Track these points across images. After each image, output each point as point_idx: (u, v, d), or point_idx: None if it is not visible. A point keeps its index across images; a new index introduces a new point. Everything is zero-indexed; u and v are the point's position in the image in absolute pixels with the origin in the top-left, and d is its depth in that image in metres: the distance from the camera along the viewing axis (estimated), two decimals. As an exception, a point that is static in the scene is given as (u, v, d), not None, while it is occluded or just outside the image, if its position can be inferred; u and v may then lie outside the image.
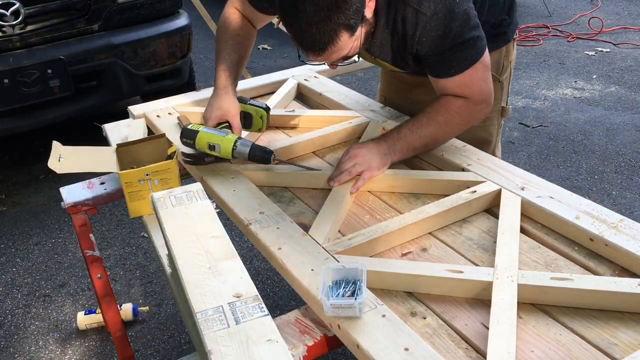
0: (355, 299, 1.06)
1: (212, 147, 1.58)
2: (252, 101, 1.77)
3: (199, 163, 1.64)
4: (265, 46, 5.98)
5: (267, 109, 1.76)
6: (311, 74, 2.27)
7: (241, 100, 1.74)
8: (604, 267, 1.23)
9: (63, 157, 1.60)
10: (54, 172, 1.56)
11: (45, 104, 3.27)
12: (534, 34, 5.62)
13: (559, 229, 1.33)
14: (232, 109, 1.67)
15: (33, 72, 3.11)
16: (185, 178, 1.73)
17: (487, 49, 1.51)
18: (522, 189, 1.43)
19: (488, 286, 1.14)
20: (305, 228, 1.35)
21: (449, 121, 1.56)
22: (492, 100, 1.58)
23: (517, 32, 1.86)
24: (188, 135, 1.61)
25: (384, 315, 1.07)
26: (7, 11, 3.07)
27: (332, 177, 1.54)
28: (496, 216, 1.39)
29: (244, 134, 1.74)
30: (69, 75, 3.21)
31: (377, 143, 1.57)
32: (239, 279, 1.02)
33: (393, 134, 1.59)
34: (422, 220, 1.35)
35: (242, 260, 1.07)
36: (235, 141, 1.57)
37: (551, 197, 1.38)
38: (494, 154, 1.86)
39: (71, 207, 1.73)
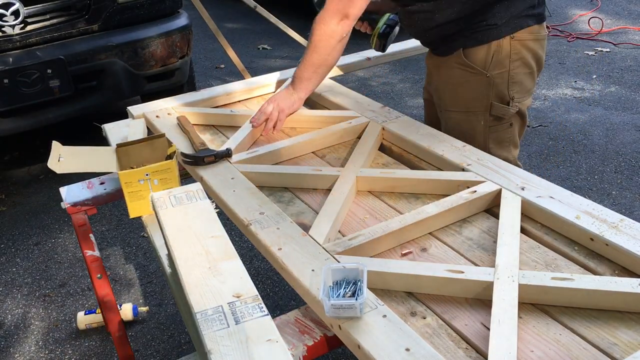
0: (356, 299, 1.06)
1: None
2: None
3: (198, 163, 1.64)
4: (265, 46, 5.98)
5: None
6: (311, 74, 2.26)
7: None
8: (604, 267, 1.23)
9: (63, 157, 1.60)
10: (54, 172, 1.56)
11: (45, 104, 3.27)
12: (534, 34, 5.61)
13: (559, 229, 1.33)
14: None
15: (33, 72, 3.11)
16: (185, 178, 1.73)
17: None
18: (522, 189, 1.43)
19: (489, 286, 1.14)
20: (306, 228, 1.35)
21: (314, 42, 1.75)
22: (349, 15, 1.69)
23: (523, 31, 1.77)
24: None
25: (384, 316, 1.07)
26: (7, 11, 3.07)
27: (252, 119, 1.86)
28: (496, 216, 1.39)
29: None
30: (69, 75, 3.21)
31: (285, 88, 1.90)
32: (238, 279, 1.02)
33: (293, 75, 1.88)
34: (422, 220, 1.35)
35: (242, 260, 1.07)
36: None
37: (551, 197, 1.38)
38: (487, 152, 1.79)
39: (71, 207, 1.73)
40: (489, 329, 1.06)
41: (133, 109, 2.07)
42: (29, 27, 3.17)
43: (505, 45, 1.77)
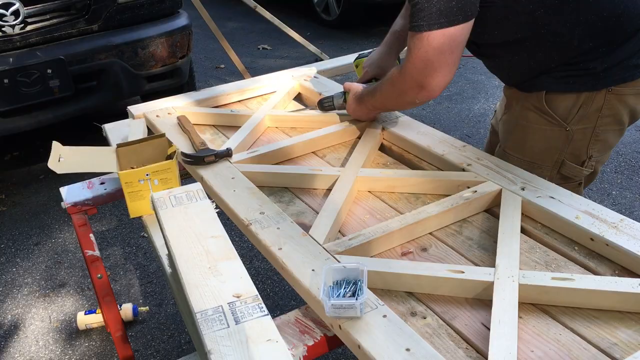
0: (356, 299, 1.06)
1: None
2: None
3: (199, 163, 1.64)
4: (265, 46, 5.98)
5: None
6: (311, 74, 2.27)
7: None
8: (604, 267, 1.23)
9: (63, 157, 1.60)
10: (54, 172, 1.56)
11: (45, 104, 3.27)
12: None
13: (559, 229, 1.33)
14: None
15: (33, 72, 3.11)
16: (185, 178, 1.73)
17: (444, 31, 1.32)
18: (522, 189, 1.43)
19: (489, 286, 1.14)
20: (306, 228, 1.35)
21: (386, 91, 1.60)
22: (426, 86, 1.42)
23: (625, 84, 1.48)
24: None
25: (384, 316, 1.07)
26: (7, 11, 3.07)
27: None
28: (496, 216, 1.39)
29: None
30: (69, 75, 3.21)
31: (359, 104, 1.77)
32: (238, 279, 1.02)
33: (367, 95, 1.72)
34: (422, 220, 1.35)
35: (242, 260, 1.07)
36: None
37: (551, 197, 1.38)
38: None
39: (71, 207, 1.73)
40: (489, 329, 1.06)
41: (133, 109, 2.07)
42: (29, 27, 3.17)
43: (598, 98, 1.49)
